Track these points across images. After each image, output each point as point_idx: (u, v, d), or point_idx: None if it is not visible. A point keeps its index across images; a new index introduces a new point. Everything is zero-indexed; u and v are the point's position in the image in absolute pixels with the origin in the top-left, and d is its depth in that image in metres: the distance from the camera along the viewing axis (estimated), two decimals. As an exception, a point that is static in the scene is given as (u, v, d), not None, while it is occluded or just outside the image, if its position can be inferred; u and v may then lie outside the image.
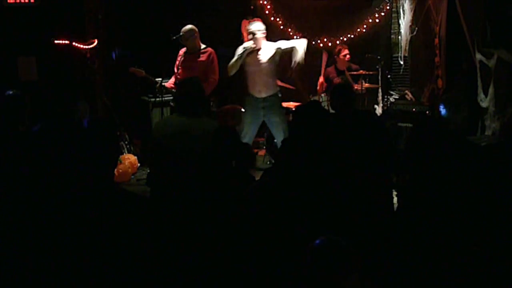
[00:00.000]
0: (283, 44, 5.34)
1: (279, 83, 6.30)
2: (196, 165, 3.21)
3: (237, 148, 2.99)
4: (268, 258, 2.58)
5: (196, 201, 2.91)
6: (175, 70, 5.63)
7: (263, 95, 5.35)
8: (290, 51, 5.28)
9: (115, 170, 3.23)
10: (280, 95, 5.52)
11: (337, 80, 6.55)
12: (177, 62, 5.59)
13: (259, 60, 5.34)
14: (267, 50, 5.35)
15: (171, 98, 5.84)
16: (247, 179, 3.00)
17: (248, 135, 5.41)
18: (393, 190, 4.03)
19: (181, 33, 5.51)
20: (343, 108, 3.91)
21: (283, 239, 2.59)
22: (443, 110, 4.26)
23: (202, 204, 2.88)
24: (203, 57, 5.54)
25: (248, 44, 5.31)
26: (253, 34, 5.29)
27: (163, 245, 2.60)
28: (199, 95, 3.64)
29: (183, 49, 5.63)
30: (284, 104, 6.10)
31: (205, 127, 3.49)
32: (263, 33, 5.35)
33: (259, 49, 5.34)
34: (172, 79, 5.66)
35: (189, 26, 5.56)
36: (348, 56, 6.76)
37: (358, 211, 2.79)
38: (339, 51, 6.78)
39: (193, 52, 5.56)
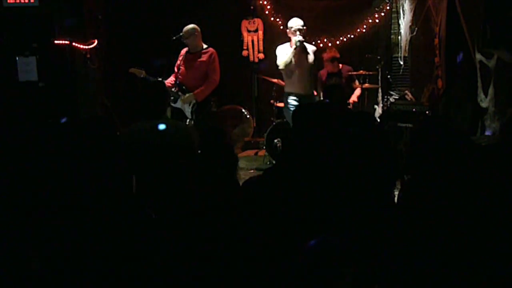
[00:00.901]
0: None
1: (275, 80, 6.32)
2: (172, 165, 3.22)
3: (221, 149, 2.96)
4: (265, 257, 2.58)
5: (181, 202, 2.88)
6: (175, 70, 5.63)
7: (306, 93, 5.44)
8: None
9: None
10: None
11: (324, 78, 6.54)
12: (178, 62, 5.59)
13: (304, 58, 5.42)
14: (310, 50, 5.46)
15: (171, 98, 5.84)
16: (231, 184, 2.95)
17: None
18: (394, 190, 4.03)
19: (181, 33, 5.52)
20: (336, 107, 3.98)
21: (282, 238, 2.59)
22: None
23: (188, 205, 2.85)
24: (204, 57, 5.54)
25: (301, 38, 5.34)
26: (300, 30, 5.35)
27: (161, 245, 2.60)
28: (160, 98, 3.66)
29: (185, 49, 5.64)
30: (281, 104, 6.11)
31: (171, 128, 3.52)
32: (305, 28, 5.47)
33: (304, 47, 5.43)
34: (171, 78, 5.65)
35: (190, 26, 5.56)
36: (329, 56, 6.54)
37: (357, 211, 2.79)
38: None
39: (195, 52, 5.57)
